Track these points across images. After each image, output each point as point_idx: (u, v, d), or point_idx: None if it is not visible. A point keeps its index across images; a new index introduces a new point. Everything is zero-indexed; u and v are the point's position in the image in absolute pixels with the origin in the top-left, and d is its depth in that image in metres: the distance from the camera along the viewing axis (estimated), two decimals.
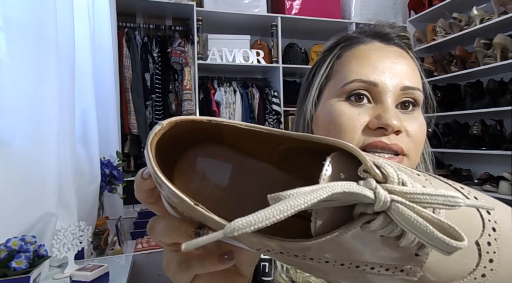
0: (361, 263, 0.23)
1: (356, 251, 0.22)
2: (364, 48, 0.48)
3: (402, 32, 0.51)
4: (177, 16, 2.75)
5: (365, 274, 0.24)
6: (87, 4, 1.40)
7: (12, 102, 0.93)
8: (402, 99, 0.45)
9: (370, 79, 0.44)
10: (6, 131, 0.92)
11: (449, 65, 2.62)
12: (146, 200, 0.26)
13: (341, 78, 0.46)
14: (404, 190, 0.19)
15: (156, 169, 0.22)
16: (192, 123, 0.24)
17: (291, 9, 2.82)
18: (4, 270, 0.83)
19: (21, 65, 0.95)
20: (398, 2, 3.07)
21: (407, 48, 0.50)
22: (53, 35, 1.01)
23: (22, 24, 0.95)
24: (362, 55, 0.47)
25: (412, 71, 0.47)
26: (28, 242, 0.89)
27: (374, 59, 0.46)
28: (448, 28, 2.61)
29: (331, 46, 0.51)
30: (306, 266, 0.24)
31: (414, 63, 0.49)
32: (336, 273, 0.24)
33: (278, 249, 0.22)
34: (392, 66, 0.45)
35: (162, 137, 0.23)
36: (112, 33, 1.89)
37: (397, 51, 0.48)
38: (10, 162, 0.91)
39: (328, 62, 0.49)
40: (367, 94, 0.44)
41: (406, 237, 0.21)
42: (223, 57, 2.62)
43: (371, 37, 0.49)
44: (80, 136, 1.35)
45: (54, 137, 1.02)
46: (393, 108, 0.43)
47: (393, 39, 0.50)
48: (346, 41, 0.50)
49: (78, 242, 1.05)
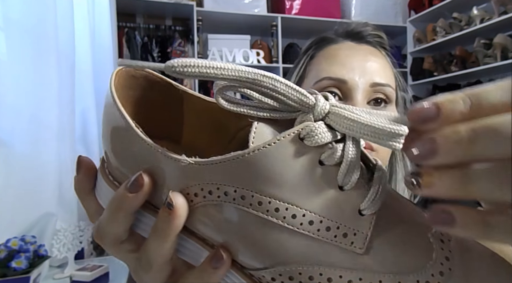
0: (281, 202, 0.18)
1: (287, 179, 0.18)
2: (334, 47, 0.49)
3: (374, 30, 0.52)
4: (177, 16, 2.75)
5: (280, 228, 0.18)
6: (87, 4, 1.40)
7: (12, 102, 0.93)
8: (373, 96, 0.46)
9: (338, 76, 0.45)
10: (6, 131, 0.92)
11: (449, 65, 2.62)
12: (80, 191, 0.24)
13: (313, 77, 0.48)
14: (343, 106, 0.18)
15: (117, 100, 0.20)
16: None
17: (291, 9, 2.82)
18: (4, 270, 0.83)
19: (21, 65, 0.95)
20: (398, 2, 3.07)
21: (379, 46, 0.51)
22: (53, 35, 1.01)
23: (22, 24, 0.95)
24: (332, 54, 0.48)
25: (383, 68, 0.47)
26: (28, 242, 0.89)
27: (343, 57, 0.47)
28: (448, 28, 2.61)
29: (307, 47, 0.53)
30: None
31: (385, 61, 0.49)
32: (228, 226, 0.19)
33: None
34: (361, 64, 0.46)
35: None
36: (112, 33, 1.89)
37: (367, 49, 0.49)
38: (10, 162, 0.91)
39: (302, 63, 0.51)
40: (337, 91, 0.45)
41: (345, 160, 0.18)
42: (223, 57, 2.62)
43: (343, 37, 0.51)
44: (80, 136, 1.35)
45: (54, 137, 1.02)
46: (362, 105, 0.44)
47: (365, 37, 0.51)
48: (319, 42, 0.52)
49: (78, 242, 1.05)
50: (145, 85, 0.24)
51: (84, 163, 0.23)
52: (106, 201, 0.22)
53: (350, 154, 0.18)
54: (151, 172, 0.20)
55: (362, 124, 0.17)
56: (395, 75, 0.51)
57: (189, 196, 0.19)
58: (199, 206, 0.20)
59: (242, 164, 0.18)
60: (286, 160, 0.18)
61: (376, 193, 0.18)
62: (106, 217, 0.21)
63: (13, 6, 0.93)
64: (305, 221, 0.18)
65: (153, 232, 0.21)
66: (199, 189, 0.19)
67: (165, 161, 0.20)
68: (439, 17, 2.67)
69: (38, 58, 0.98)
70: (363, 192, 0.19)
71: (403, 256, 0.18)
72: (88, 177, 0.23)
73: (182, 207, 0.19)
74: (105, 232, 0.21)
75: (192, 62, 0.17)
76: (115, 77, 0.22)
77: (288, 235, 0.18)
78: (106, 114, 0.22)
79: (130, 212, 0.21)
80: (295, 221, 0.18)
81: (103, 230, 0.21)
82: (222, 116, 0.24)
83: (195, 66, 0.17)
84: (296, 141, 0.18)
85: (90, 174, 0.23)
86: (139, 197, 0.20)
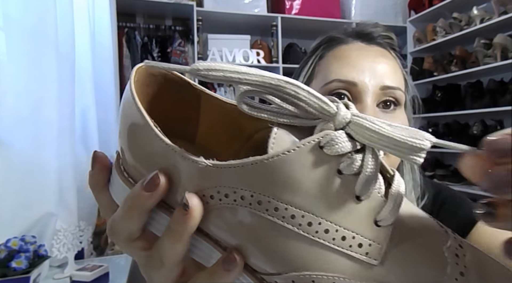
0: (297, 209, 0.18)
1: (305, 186, 0.18)
2: (344, 48, 0.48)
3: (385, 31, 0.51)
4: (177, 16, 2.75)
5: (296, 236, 0.18)
6: (87, 4, 1.40)
7: (12, 102, 0.93)
8: (383, 98, 0.45)
9: (348, 79, 0.44)
10: (6, 131, 0.92)
11: (449, 65, 2.62)
12: (95, 186, 0.24)
13: (322, 78, 0.47)
14: (364, 116, 0.18)
15: (136, 98, 0.20)
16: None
17: (291, 9, 2.82)
18: (4, 270, 0.83)
19: (21, 65, 0.95)
20: (398, 2, 3.07)
21: (389, 48, 0.50)
22: (53, 35, 1.01)
23: (22, 24, 0.95)
24: (342, 55, 0.47)
25: (393, 70, 0.47)
26: (28, 242, 0.89)
27: (354, 58, 0.46)
28: (448, 28, 2.60)
29: (315, 47, 0.52)
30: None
31: (396, 63, 0.49)
32: (240, 230, 0.19)
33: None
34: (372, 66, 0.45)
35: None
36: (112, 33, 1.88)
37: (378, 50, 0.48)
38: (10, 162, 0.91)
39: (310, 62, 0.50)
40: (347, 93, 0.45)
41: (364, 171, 0.18)
42: (223, 57, 2.62)
43: (353, 37, 0.50)
44: (80, 136, 1.35)
45: (54, 137, 1.02)
46: (372, 107, 0.44)
47: (375, 38, 0.50)
48: (328, 42, 0.50)
49: (78, 242, 1.05)
50: (163, 83, 0.24)
51: (99, 158, 0.23)
52: (120, 197, 0.22)
53: (369, 165, 0.18)
54: (168, 172, 0.20)
55: (384, 136, 0.17)
56: (405, 77, 0.50)
57: (204, 198, 0.19)
58: (214, 208, 0.20)
59: (261, 169, 0.18)
60: (305, 167, 0.18)
61: (393, 205, 0.18)
62: (120, 214, 0.21)
63: (13, 6, 0.93)
64: (320, 229, 0.18)
65: (166, 232, 0.21)
66: (215, 191, 0.19)
67: (182, 161, 0.20)
68: (439, 17, 2.67)
69: (38, 58, 0.98)
70: (380, 203, 0.19)
71: (417, 269, 0.18)
72: (103, 173, 0.23)
73: (197, 209, 0.19)
74: (118, 229, 0.22)
75: (218, 66, 0.17)
76: (135, 74, 0.22)
77: (303, 242, 0.18)
78: (124, 111, 0.22)
79: (145, 211, 0.21)
80: (310, 229, 0.18)
81: (117, 226, 0.22)
82: (239, 117, 0.24)
83: (220, 70, 0.17)
84: (316, 149, 0.18)
85: (105, 169, 0.23)
86: (154, 196, 0.20)
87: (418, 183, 0.53)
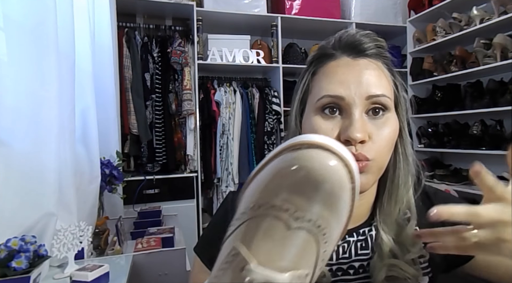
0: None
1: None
2: (332, 64, 0.53)
3: (372, 41, 0.54)
4: (177, 16, 2.75)
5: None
6: (87, 4, 1.40)
7: (12, 102, 0.93)
8: (371, 106, 0.50)
9: (336, 94, 0.50)
10: (6, 131, 0.92)
11: (449, 65, 2.62)
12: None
13: (316, 94, 0.53)
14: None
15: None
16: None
17: (291, 9, 2.82)
18: (4, 270, 0.83)
19: (21, 65, 0.95)
20: (398, 2, 3.07)
21: (375, 56, 0.54)
22: (53, 35, 1.01)
23: (22, 24, 0.95)
24: (330, 72, 0.52)
25: (378, 79, 0.51)
26: (28, 242, 0.89)
27: (340, 74, 0.51)
28: (448, 28, 2.61)
29: (310, 60, 0.57)
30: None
31: (380, 71, 0.53)
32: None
33: None
34: (357, 79, 0.50)
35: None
36: (112, 33, 1.88)
37: (363, 63, 0.52)
38: (10, 162, 0.91)
39: (306, 78, 0.56)
40: (337, 106, 0.50)
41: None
42: (223, 57, 2.62)
43: (342, 50, 0.54)
44: (80, 136, 1.35)
45: (54, 137, 1.01)
46: (360, 119, 0.49)
47: (362, 51, 0.53)
48: (319, 58, 0.55)
49: (78, 242, 1.05)
50: None
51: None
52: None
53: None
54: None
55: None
56: (393, 81, 0.54)
57: None
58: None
59: None
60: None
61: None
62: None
63: (13, 6, 0.93)
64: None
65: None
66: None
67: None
68: (439, 17, 2.67)
69: (38, 58, 0.97)
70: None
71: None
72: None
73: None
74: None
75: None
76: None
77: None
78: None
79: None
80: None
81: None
82: None
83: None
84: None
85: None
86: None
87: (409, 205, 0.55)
